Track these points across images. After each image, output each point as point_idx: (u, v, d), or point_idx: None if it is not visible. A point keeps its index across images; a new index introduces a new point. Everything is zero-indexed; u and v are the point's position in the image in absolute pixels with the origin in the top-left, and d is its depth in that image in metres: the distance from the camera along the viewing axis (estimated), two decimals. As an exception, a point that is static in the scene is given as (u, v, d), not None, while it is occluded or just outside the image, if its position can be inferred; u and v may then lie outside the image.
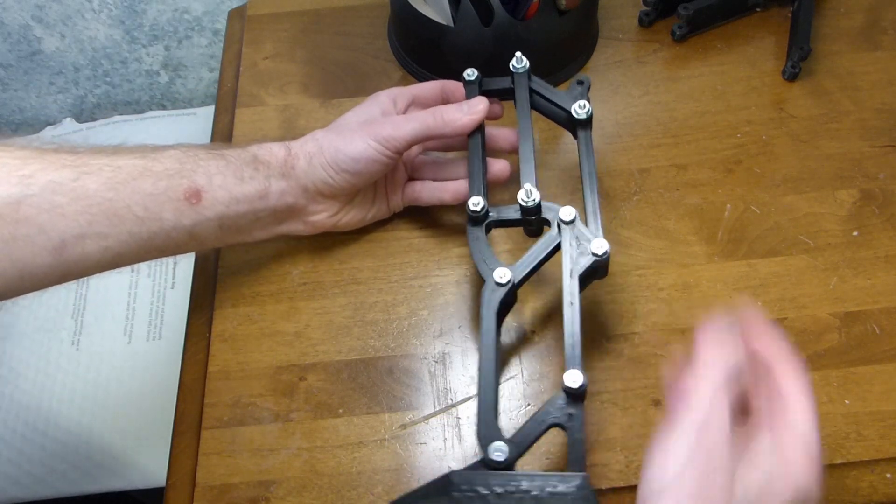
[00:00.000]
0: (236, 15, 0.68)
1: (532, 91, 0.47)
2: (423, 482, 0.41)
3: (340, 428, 0.44)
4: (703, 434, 0.31)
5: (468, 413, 0.44)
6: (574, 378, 0.37)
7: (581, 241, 0.41)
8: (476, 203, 0.42)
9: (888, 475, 0.41)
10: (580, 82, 0.47)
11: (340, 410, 0.44)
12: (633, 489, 0.41)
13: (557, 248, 0.41)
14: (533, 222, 0.43)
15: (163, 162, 0.40)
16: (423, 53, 0.58)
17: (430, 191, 0.49)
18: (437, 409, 0.44)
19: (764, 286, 0.47)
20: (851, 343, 0.45)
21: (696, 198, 0.52)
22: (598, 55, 0.61)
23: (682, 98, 0.58)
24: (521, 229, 0.46)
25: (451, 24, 0.55)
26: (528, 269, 0.41)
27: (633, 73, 0.60)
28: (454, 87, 0.49)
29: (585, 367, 0.44)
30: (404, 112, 0.48)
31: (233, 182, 0.42)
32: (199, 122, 0.87)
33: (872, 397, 0.43)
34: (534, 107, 0.47)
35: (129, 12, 0.82)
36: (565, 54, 0.59)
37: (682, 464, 0.30)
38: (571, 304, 0.39)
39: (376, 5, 0.65)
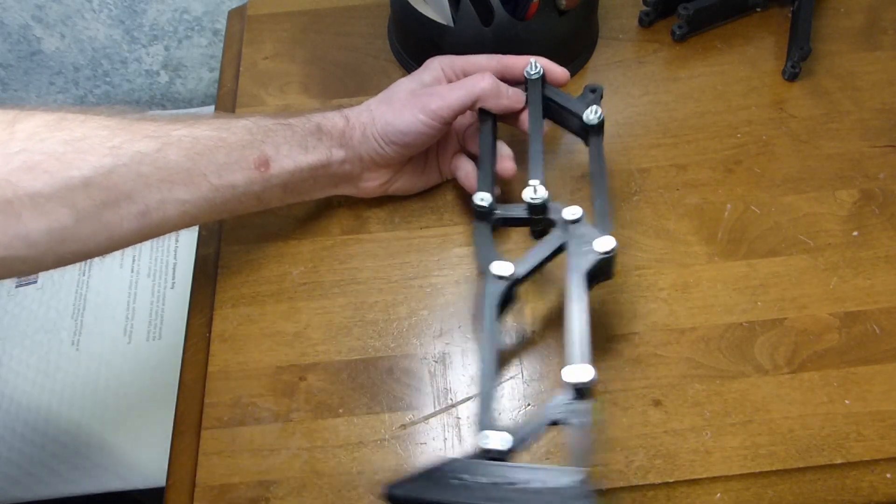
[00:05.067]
0: (236, 15, 0.68)
1: (545, 97, 0.47)
2: (423, 482, 0.41)
3: (340, 428, 0.44)
4: None
5: (468, 413, 0.44)
6: (579, 373, 0.35)
7: (587, 239, 0.40)
8: (482, 199, 0.42)
9: (888, 475, 0.41)
10: (593, 90, 0.47)
11: (340, 410, 0.44)
12: (633, 489, 0.41)
13: (562, 248, 0.41)
14: (539, 222, 0.43)
15: (236, 133, 0.43)
16: (423, 53, 0.57)
17: (463, 177, 0.50)
18: (437, 409, 0.44)
19: (764, 286, 0.47)
20: (851, 343, 0.45)
21: (696, 198, 0.52)
22: (598, 55, 0.61)
23: (682, 98, 0.58)
24: (528, 231, 0.46)
25: (451, 24, 0.55)
26: (531, 267, 0.40)
27: (633, 73, 0.60)
28: (509, 62, 0.48)
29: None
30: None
31: (298, 151, 0.45)
32: (199, 122, 0.87)
33: (872, 397, 0.43)
34: (546, 114, 0.47)
35: (129, 12, 0.82)
36: (565, 54, 0.59)
37: None
38: (578, 298, 0.38)
39: (376, 5, 0.65)
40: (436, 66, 0.48)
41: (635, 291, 0.48)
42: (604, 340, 0.46)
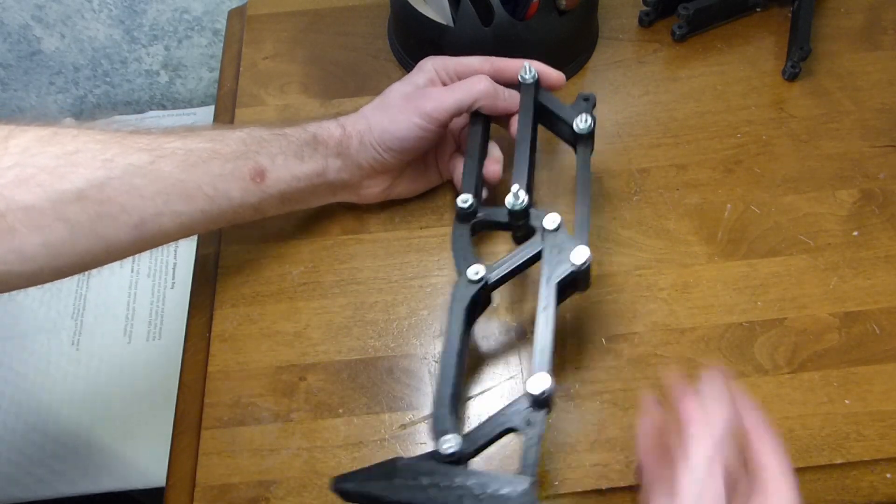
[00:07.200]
0: (236, 15, 0.68)
1: (538, 103, 0.47)
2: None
3: (340, 428, 0.44)
4: None
5: (468, 413, 0.44)
6: (539, 383, 0.35)
7: (563, 250, 0.39)
8: (465, 200, 0.42)
9: (888, 475, 0.41)
10: (586, 98, 0.47)
11: (340, 410, 0.44)
12: (633, 489, 0.41)
13: (538, 255, 0.40)
14: (520, 227, 0.43)
15: (230, 145, 0.43)
16: (423, 53, 0.57)
17: (458, 179, 0.49)
18: (437, 409, 0.44)
19: (764, 286, 0.47)
20: (851, 343, 0.45)
21: (696, 198, 0.52)
22: (598, 55, 0.61)
23: (682, 98, 0.58)
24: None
25: (451, 24, 0.55)
26: (505, 272, 0.40)
27: (633, 73, 0.60)
28: (502, 65, 0.48)
29: (575, 367, 0.45)
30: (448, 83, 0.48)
31: (294, 162, 0.45)
32: (199, 122, 0.87)
33: (872, 397, 0.43)
34: (539, 119, 0.47)
35: (129, 12, 0.82)
36: (565, 54, 0.59)
37: None
38: (545, 308, 0.38)
39: (376, 5, 0.65)
40: (429, 67, 0.48)
41: (635, 291, 0.48)
42: (604, 340, 0.46)
